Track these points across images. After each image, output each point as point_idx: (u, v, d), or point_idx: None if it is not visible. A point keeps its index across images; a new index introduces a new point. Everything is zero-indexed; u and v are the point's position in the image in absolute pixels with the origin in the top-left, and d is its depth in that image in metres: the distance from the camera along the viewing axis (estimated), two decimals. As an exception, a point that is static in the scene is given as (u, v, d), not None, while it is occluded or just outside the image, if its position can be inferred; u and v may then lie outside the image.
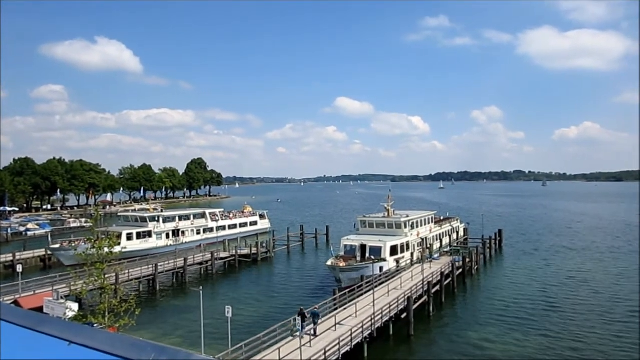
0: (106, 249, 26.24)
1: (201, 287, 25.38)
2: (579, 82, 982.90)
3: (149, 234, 65.25)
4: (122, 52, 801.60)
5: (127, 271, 44.48)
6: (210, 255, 54.54)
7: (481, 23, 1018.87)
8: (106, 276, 26.79)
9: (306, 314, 27.00)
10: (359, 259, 44.70)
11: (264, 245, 63.35)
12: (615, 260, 58.23)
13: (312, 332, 26.94)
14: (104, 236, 28.45)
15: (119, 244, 55.91)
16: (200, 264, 54.09)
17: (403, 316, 32.04)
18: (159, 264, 48.15)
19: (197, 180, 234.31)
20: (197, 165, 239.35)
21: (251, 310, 37.83)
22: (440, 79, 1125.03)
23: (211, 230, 76.20)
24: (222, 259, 57.17)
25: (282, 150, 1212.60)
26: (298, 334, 25.27)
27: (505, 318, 34.67)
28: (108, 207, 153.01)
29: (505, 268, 54.73)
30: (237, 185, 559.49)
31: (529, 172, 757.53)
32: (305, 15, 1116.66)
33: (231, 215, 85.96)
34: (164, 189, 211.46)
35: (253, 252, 60.11)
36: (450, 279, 42.99)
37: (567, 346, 28.69)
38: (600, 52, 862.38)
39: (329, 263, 43.36)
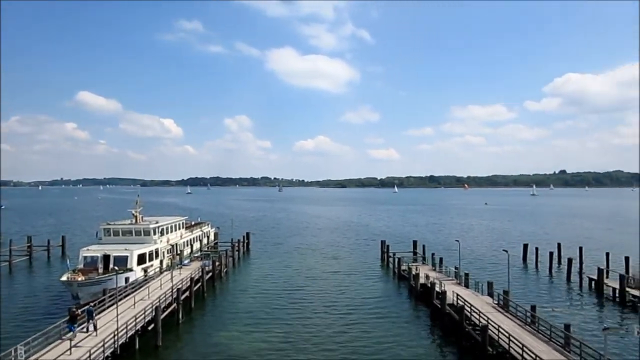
0: None
1: None
2: (315, 100, 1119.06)
3: None
4: None
5: None
6: None
7: (233, 35, 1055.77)
8: None
9: (80, 313, 27.91)
10: (101, 270, 41.07)
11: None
12: (346, 256, 68.79)
13: (92, 328, 27.58)
14: None
15: None
16: None
17: (150, 327, 30.81)
18: None
19: None
20: None
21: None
22: (194, 83, 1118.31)
23: None
24: None
25: (6, 148, 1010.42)
26: (69, 335, 25.93)
27: (251, 316, 37.03)
28: None
29: (253, 268, 58.41)
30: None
31: (274, 178, 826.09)
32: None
33: None
34: None
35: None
36: (200, 283, 43.39)
37: (304, 334, 32.37)
38: (331, 76, 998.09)
39: (64, 278, 38.48)
